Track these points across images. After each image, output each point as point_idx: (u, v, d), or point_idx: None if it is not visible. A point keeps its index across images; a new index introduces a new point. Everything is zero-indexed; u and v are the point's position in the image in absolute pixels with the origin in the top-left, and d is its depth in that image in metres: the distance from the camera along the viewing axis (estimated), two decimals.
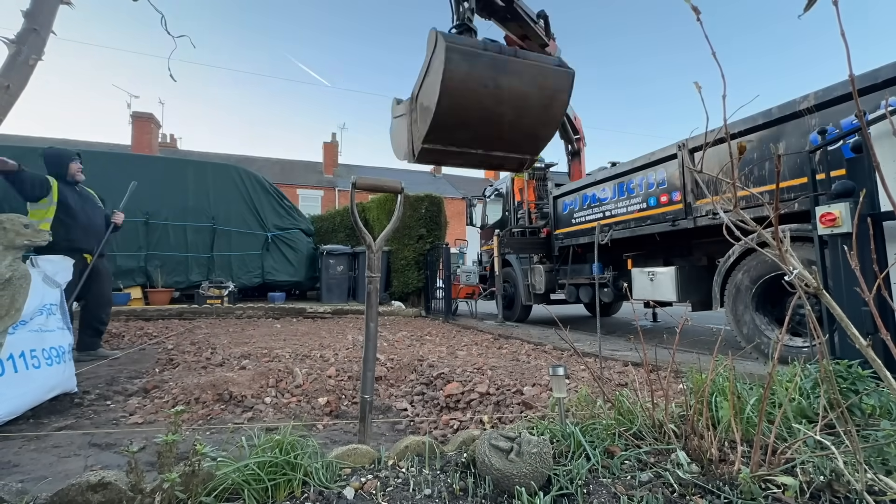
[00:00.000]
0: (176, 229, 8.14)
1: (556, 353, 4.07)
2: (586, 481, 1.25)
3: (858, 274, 1.03)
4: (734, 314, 3.86)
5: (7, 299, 1.87)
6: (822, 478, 1.18)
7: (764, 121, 3.63)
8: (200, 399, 2.46)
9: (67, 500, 1.08)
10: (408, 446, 1.46)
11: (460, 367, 3.24)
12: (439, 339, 5.09)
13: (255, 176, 9.18)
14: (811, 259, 2.89)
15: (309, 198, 24.28)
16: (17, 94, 2.16)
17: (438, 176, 30.95)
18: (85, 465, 1.66)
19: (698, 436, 1.37)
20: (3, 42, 2.18)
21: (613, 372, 3.14)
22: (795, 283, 1.09)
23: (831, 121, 3.17)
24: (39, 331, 2.42)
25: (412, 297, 9.18)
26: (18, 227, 2.01)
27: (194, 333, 5.20)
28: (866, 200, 2.18)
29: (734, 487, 1.17)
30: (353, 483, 1.26)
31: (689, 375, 1.81)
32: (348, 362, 3.48)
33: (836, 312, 1.04)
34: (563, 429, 1.51)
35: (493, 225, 8.91)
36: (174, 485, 1.07)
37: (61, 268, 2.73)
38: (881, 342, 1.04)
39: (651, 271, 4.93)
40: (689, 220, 4.35)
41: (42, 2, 2.27)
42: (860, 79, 2.94)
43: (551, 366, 1.60)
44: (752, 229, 1.15)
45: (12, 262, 1.95)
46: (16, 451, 1.78)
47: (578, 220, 6.15)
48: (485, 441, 1.30)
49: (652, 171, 4.85)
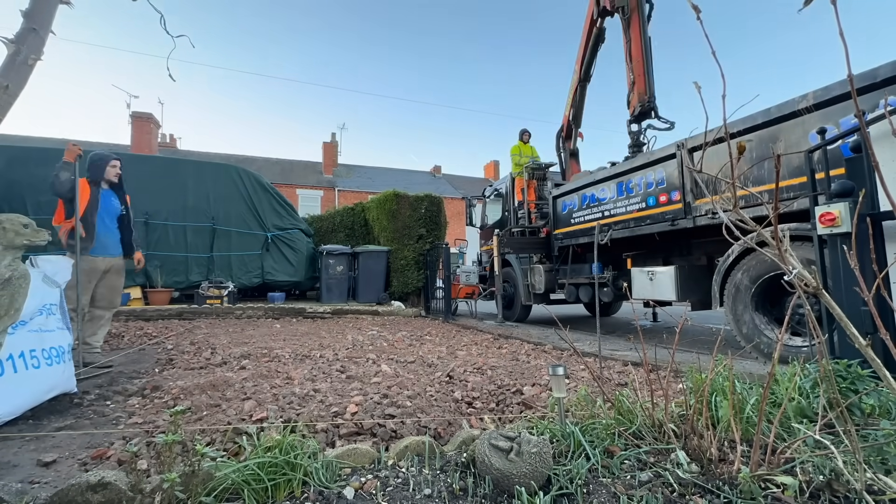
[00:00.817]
0: (175, 229, 8.14)
1: (556, 352, 4.07)
2: (586, 481, 1.25)
3: (858, 274, 1.03)
4: (734, 314, 3.86)
5: (7, 299, 1.87)
6: (822, 477, 1.18)
7: (763, 120, 3.63)
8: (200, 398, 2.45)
9: (67, 500, 1.08)
10: (408, 446, 1.47)
11: (460, 367, 3.25)
12: (439, 338, 5.09)
13: (255, 176, 9.17)
14: (811, 258, 2.89)
15: (309, 198, 24.27)
16: (16, 94, 2.16)
17: (438, 176, 30.95)
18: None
19: (698, 435, 1.37)
20: (2, 42, 2.18)
21: (613, 372, 3.14)
22: (795, 283, 1.09)
23: (831, 120, 3.17)
24: (39, 331, 2.41)
25: (412, 297, 9.18)
26: (18, 226, 2.00)
27: (194, 333, 5.19)
28: (866, 200, 2.18)
29: (734, 487, 1.17)
30: (352, 483, 1.26)
31: (688, 375, 1.81)
32: (348, 362, 3.48)
33: (836, 312, 1.04)
34: (562, 428, 1.51)
35: (492, 225, 8.92)
36: (174, 485, 1.07)
37: (61, 268, 2.73)
38: (880, 342, 1.04)
39: (650, 271, 4.94)
40: (689, 219, 4.35)
41: (41, 2, 2.27)
42: (859, 78, 2.94)
43: (551, 365, 1.60)
44: (751, 229, 1.15)
45: (11, 261, 1.94)
46: (15, 452, 1.78)
47: (578, 219, 6.15)
48: (485, 441, 1.30)
49: (651, 170, 4.85)
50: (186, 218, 8.24)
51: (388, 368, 3.26)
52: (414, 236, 8.98)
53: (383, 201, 9.33)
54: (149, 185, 7.81)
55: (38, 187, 6.89)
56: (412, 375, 2.99)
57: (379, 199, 9.58)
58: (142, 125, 21.19)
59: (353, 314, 7.60)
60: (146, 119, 21.38)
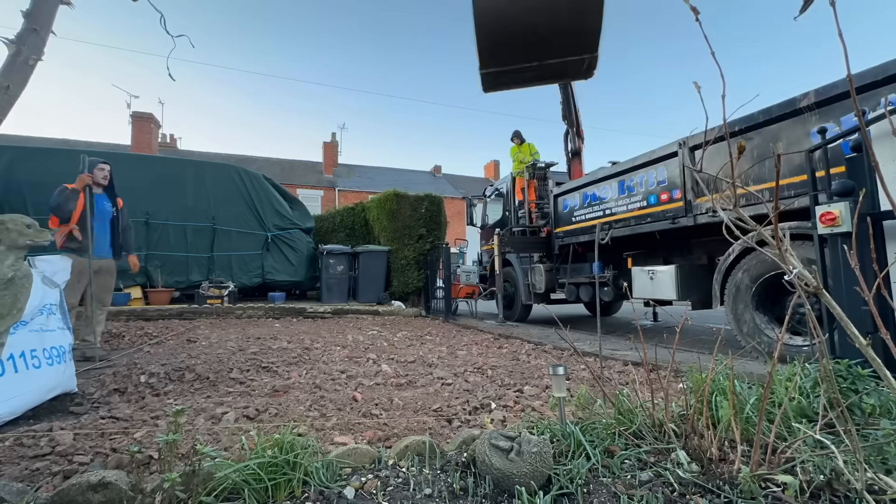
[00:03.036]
0: (176, 229, 8.14)
1: (557, 352, 4.07)
2: (586, 481, 1.26)
3: (858, 273, 1.03)
4: (734, 313, 3.86)
5: (10, 299, 1.87)
6: (822, 477, 1.18)
7: (764, 119, 3.63)
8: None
9: (68, 500, 1.09)
10: (408, 446, 1.47)
11: (461, 367, 3.25)
12: (439, 338, 5.09)
13: (256, 175, 9.17)
14: (811, 258, 2.89)
15: (309, 198, 24.24)
16: (17, 94, 2.16)
17: (438, 176, 30.95)
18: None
19: (698, 435, 1.37)
20: (3, 42, 2.18)
21: (613, 371, 3.14)
22: (795, 283, 1.09)
23: (832, 118, 3.17)
24: (40, 331, 2.42)
25: (412, 297, 9.17)
26: (21, 227, 2.00)
27: (194, 333, 5.20)
28: (866, 200, 2.18)
29: (734, 486, 1.17)
30: (353, 482, 1.26)
31: (689, 375, 1.81)
32: (348, 362, 3.48)
33: (836, 312, 1.04)
34: (563, 428, 1.51)
35: (493, 225, 8.92)
36: (174, 484, 1.07)
37: (60, 268, 2.74)
38: (881, 341, 1.04)
39: (651, 270, 4.93)
40: (689, 217, 4.35)
41: (42, 2, 2.27)
42: (859, 77, 2.94)
43: (551, 365, 1.60)
44: (751, 228, 1.15)
45: (14, 261, 1.94)
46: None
47: (579, 218, 6.15)
48: (485, 441, 1.30)
49: (653, 168, 4.85)
50: (187, 218, 8.24)
51: (388, 368, 3.26)
52: (414, 236, 8.98)
53: (383, 201, 9.33)
54: (149, 185, 7.82)
55: (40, 187, 6.91)
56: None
57: (379, 198, 9.58)
58: (142, 125, 21.21)
59: (354, 314, 7.60)
60: (146, 119, 21.40)
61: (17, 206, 6.34)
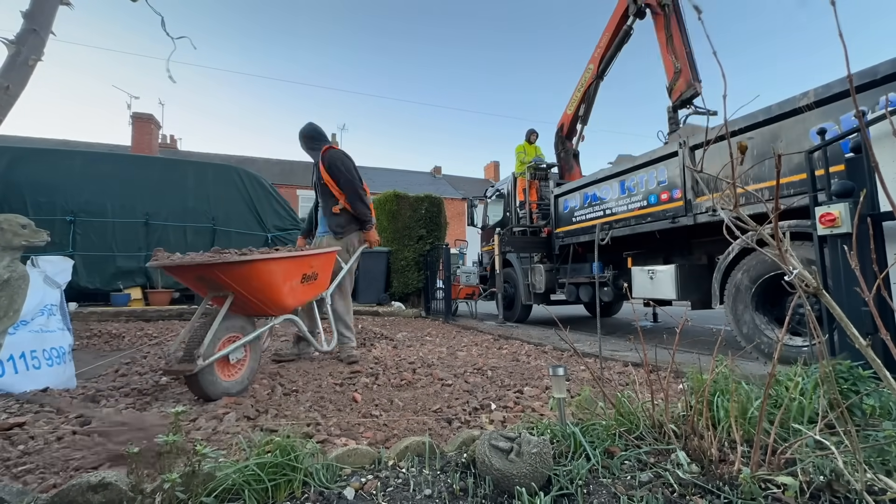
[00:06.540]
0: (176, 230, 8.13)
1: (557, 353, 4.07)
2: (586, 481, 1.25)
3: (858, 274, 1.03)
4: (734, 314, 3.86)
5: (6, 300, 1.87)
6: (822, 478, 1.18)
7: (764, 118, 3.63)
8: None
9: (68, 500, 1.08)
10: (408, 446, 1.47)
11: (461, 368, 3.24)
12: (439, 339, 5.09)
13: (255, 176, 9.17)
14: (811, 258, 2.89)
15: (309, 198, 24.26)
16: (16, 95, 2.16)
17: (438, 177, 30.95)
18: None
19: (698, 436, 1.37)
20: (2, 43, 2.18)
21: (614, 372, 3.14)
22: (795, 283, 1.09)
23: (831, 117, 3.17)
24: (40, 331, 2.42)
25: (412, 298, 9.17)
26: (16, 227, 2.00)
27: None
28: (866, 201, 2.18)
29: (734, 487, 1.17)
30: (353, 483, 1.26)
31: (689, 375, 1.81)
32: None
33: (836, 312, 1.04)
34: (563, 429, 1.51)
35: (493, 225, 8.93)
36: (175, 485, 1.07)
37: (61, 268, 2.74)
38: (881, 342, 1.04)
39: (651, 269, 4.94)
40: (689, 216, 4.35)
41: (42, 2, 2.27)
42: (859, 76, 2.94)
43: (551, 366, 1.60)
44: (751, 228, 1.15)
45: (10, 262, 1.94)
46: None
47: (579, 218, 6.16)
48: (485, 441, 1.30)
49: (653, 168, 4.85)
50: (186, 219, 8.24)
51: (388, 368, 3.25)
52: (414, 237, 8.97)
53: (383, 202, 9.33)
54: (149, 185, 7.81)
55: (39, 188, 6.91)
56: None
57: (379, 199, 9.58)
58: (142, 126, 21.19)
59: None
60: (147, 120, 21.38)
61: (17, 207, 6.35)
